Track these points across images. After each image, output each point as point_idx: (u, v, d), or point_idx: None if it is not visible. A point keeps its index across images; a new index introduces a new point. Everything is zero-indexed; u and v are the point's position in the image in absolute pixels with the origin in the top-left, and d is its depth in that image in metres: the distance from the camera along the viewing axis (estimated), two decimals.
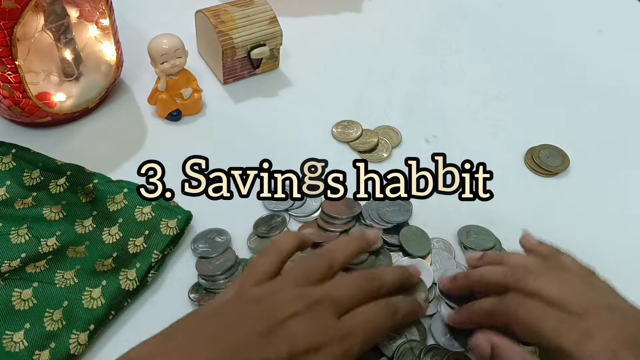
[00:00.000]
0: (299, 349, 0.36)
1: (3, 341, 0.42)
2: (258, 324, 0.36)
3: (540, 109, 0.66)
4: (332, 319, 0.38)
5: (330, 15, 0.78)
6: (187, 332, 0.37)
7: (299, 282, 0.40)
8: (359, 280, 0.42)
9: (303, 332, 0.37)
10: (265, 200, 0.54)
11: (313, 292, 0.39)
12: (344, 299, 0.40)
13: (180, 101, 0.60)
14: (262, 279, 0.41)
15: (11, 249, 0.47)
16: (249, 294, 0.39)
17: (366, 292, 0.41)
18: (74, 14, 0.59)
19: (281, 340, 0.36)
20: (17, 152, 0.54)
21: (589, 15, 0.81)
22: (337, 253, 0.43)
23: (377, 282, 0.42)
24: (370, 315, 0.40)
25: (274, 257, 0.42)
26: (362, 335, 0.39)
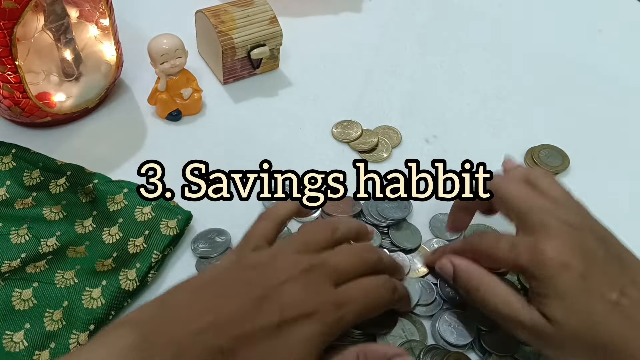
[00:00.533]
0: (291, 314, 0.36)
1: (3, 341, 0.42)
2: (253, 290, 0.37)
3: (540, 109, 0.66)
4: (327, 286, 0.38)
5: (330, 15, 0.78)
6: (185, 298, 0.37)
7: (298, 248, 0.40)
8: (358, 250, 0.42)
9: (296, 297, 0.37)
10: (265, 201, 0.54)
11: (310, 258, 0.39)
12: (342, 267, 0.40)
13: (180, 101, 0.61)
14: (261, 243, 0.41)
15: (11, 249, 0.47)
16: (247, 260, 0.39)
17: (365, 262, 0.41)
18: (74, 14, 0.59)
19: (274, 306, 0.36)
20: (17, 152, 0.54)
21: (589, 15, 0.81)
22: (339, 224, 0.43)
23: (376, 254, 0.43)
24: (370, 286, 0.40)
25: (272, 222, 0.43)
26: (358, 305, 0.39)
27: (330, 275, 0.39)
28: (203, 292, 0.37)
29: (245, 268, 0.39)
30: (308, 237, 0.42)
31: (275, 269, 0.38)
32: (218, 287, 0.38)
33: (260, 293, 0.37)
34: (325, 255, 0.40)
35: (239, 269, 0.39)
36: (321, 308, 0.37)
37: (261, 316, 0.36)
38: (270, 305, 0.36)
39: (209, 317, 0.35)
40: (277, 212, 0.44)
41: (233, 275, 0.38)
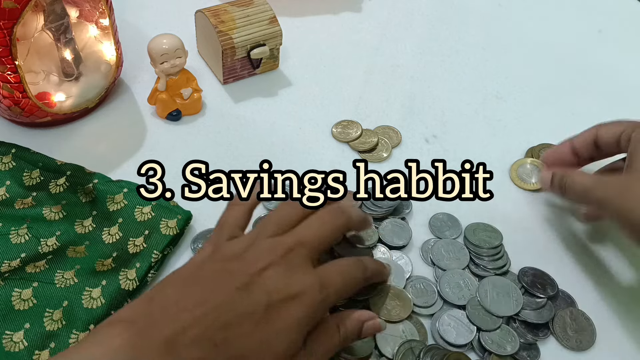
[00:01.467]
0: (277, 297, 0.37)
1: (3, 341, 0.42)
2: (236, 279, 0.38)
3: (540, 109, 0.66)
4: (307, 266, 0.40)
5: (330, 15, 0.78)
6: (172, 293, 0.37)
7: (273, 231, 0.41)
8: (327, 217, 0.43)
9: (279, 281, 0.38)
10: (265, 201, 0.54)
11: (286, 239, 0.40)
12: (317, 241, 0.41)
13: (180, 101, 0.60)
14: (235, 232, 0.42)
15: (11, 249, 0.47)
16: (225, 251, 0.40)
17: (337, 228, 0.43)
18: (74, 13, 0.59)
19: (259, 292, 0.37)
20: (17, 152, 0.54)
21: (589, 15, 0.81)
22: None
23: (345, 215, 0.43)
24: (343, 266, 0.41)
25: (242, 207, 0.44)
26: (338, 285, 0.40)
27: (308, 252, 0.40)
28: (189, 286, 0.38)
29: (224, 259, 0.39)
30: (280, 218, 0.42)
31: (255, 256, 0.39)
32: (202, 280, 0.38)
33: (244, 281, 0.37)
34: (298, 231, 0.41)
35: (219, 261, 0.39)
36: (306, 289, 0.38)
37: (248, 303, 0.36)
38: (256, 291, 0.37)
39: (198, 311, 0.36)
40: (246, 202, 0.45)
41: (215, 267, 0.39)
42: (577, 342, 0.46)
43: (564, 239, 0.54)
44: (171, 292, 0.38)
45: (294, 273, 0.39)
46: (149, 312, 0.36)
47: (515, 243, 0.52)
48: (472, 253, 0.51)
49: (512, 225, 0.53)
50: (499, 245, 0.51)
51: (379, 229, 0.52)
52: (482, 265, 0.50)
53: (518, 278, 0.49)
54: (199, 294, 0.37)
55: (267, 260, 0.39)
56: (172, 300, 0.37)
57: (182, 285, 0.38)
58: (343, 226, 0.43)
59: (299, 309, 0.37)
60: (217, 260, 0.40)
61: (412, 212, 0.54)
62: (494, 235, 0.52)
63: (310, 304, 0.38)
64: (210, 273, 0.39)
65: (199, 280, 0.38)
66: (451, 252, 0.51)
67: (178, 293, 0.37)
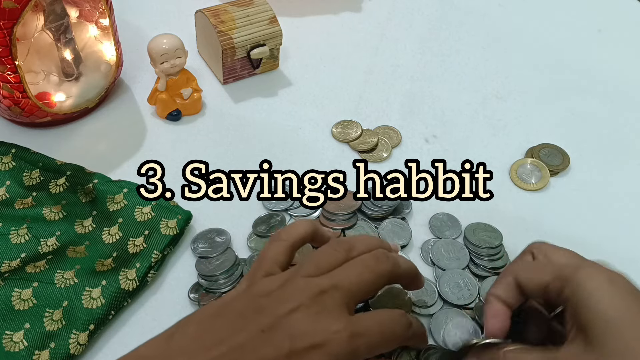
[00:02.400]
0: (301, 345, 0.34)
1: (3, 341, 0.42)
2: (262, 319, 0.35)
3: (540, 109, 0.66)
4: (340, 312, 0.36)
5: (330, 15, 0.77)
6: (192, 330, 0.36)
7: (310, 271, 0.38)
8: (371, 262, 0.39)
9: (306, 326, 0.35)
10: (265, 201, 0.54)
11: (321, 281, 0.37)
12: (355, 286, 0.37)
13: (180, 101, 0.60)
14: (273, 269, 0.39)
15: (11, 249, 0.47)
16: (257, 288, 0.37)
17: (380, 275, 0.38)
18: (74, 14, 0.59)
19: (282, 336, 0.34)
20: (17, 152, 0.54)
21: (589, 15, 0.81)
22: (357, 242, 0.40)
23: (390, 262, 0.39)
24: (384, 317, 0.38)
25: (283, 243, 0.40)
26: (373, 337, 0.36)
27: (343, 298, 0.36)
28: (211, 323, 0.36)
29: (254, 296, 0.37)
30: (320, 258, 0.39)
31: (285, 296, 0.36)
32: (226, 318, 0.36)
33: (269, 322, 0.35)
34: (336, 273, 0.38)
35: (248, 298, 0.37)
36: (333, 338, 0.35)
37: (269, 346, 0.34)
38: (279, 336, 0.34)
39: (217, 351, 0.34)
40: (290, 233, 0.41)
41: (242, 305, 0.37)
42: None
43: (564, 239, 0.54)
44: (191, 329, 0.36)
45: (323, 318, 0.35)
46: (166, 349, 0.35)
47: (515, 243, 0.52)
48: (472, 253, 0.51)
49: (512, 225, 0.53)
50: (499, 245, 0.51)
51: (379, 229, 0.52)
52: (482, 265, 0.50)
53: None
54: (220, 333, 0.35)
55: (297, 302, 0.36)
56: (191, 337, 0.35)
57: (204, 322, 0.36)
58: (387, 275, 0.39)
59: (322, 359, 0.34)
60: (247, 297, 0.37)
61: (412, 212, 0.54)
62: (493, 235, 0.52)
63: (335, 353, 0.34)
64: (235, 310, 0.36)
65: (224, 317, 0.36)
66: (451, 252, 0.51)
67: (198, 330, 0.36)
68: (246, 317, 0.36)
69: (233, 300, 0.37)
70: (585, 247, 0.54)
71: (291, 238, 0.41)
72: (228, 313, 0.36)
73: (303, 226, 0.42)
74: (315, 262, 0.39)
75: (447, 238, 0.52)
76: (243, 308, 0.36)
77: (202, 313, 0.37)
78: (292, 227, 0.42)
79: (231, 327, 0.35)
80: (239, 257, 0.49)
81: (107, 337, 0.45)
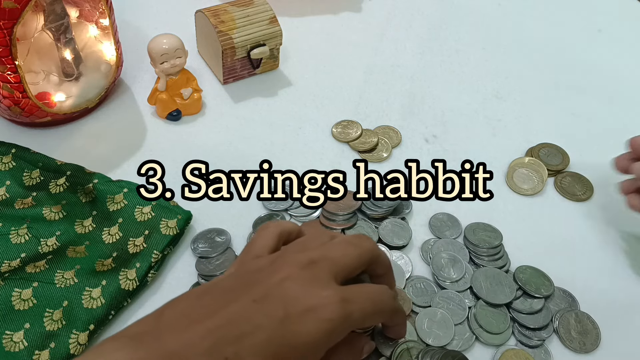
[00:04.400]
0: (294, 310, 0.34)
1: (3, 341, 0.42)
2: (254, 290, 0.35)
3: (540, 109, 0.66)
4: (330, 281, 0.36)
5: (330, 15, 0.77)
6: (182, 306, 0.36)
7: (298, 249, 0.39)
8: (355, 240, 0.40)
9: (298, 292, 0.35)
10: (265, 201, 0.54)
11: (310, 252, 0.38)
12: (341, 259, 0.38)
13: (180, 101, 0.60)
14: (262, 251, 0.40)
15: (11, 249, 0.47)
16: (248, 266, 0.38)
17: (365, 250, 0.39)
18: (74, 13, 0.59)
19: (276, 302, 0.34)
20: (17, 152, 0.54)
21: (589, 15, 0.81)
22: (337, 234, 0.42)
23: (371, 242, 0.41)
24: (373, 289, 0.39)
25: (272, 230, 0.41)
26: (365, 304, 0.37)
27: (331, 268, 0.37)
28: (200, 299, 0.36)
29: (245, 273, 0.38)
30: (307, 240, 0.41)
31: (275, 268, 0.37)
32: (216, 293, 0.36)
33: (261, 292, 0.35)
34: (323, 247, 0.39)
35: (238, 275, 0.38)
36: (326, 303, 0.35)
37: (263, 314, 0.34)
38: (272, 303, 0.35)
39: (209, 323, 0.34)
40: (279, 224, 0.43)
41: (232, 281, 0.37)
42: (581, 344, 0.46)
43: (564, 238, 0.54)
44: (183, 306, 0.36)
45: (315, 285, 0.36)
46: (156, 326, 0.34)
47: (515, 243, 0.52)
48: (472, 253, 0.51)
49: (511, 225, 0.54)
50: (499, 245, 0.51)
51: (379, 229, 0.52)
52: (481, 265, 0.50)
53: (514, 276, 0.49)
54: (212, 306, 0.35)
55: (287, 271, 0.36)
56: (181, 314, 0.35)
57: (194, 299, 0.36)
58: (370, 251, 0.40)
59: (317, 324, 0.34)
60: (236, 275, 0.38)
61: (412, 212, 0.54)
62: (493, 235, 0.52)
63: (329, 318, 0.34)
64: (227, 286, 0.37)
65: (214, 293, 0.36)
66: (451, 252, 0.51)
67: (188, 306, 0.35)
68: (237, 291, 0.36)
69: (222, 279, 0.38)
70: (585, 245, 0.54)
71: (280, 227, 0.42)
72: (218, 289, 0.36)
73: (292, 223, 0.44)
74: (302, 243, 0.40)
75: (447, 238, 0.52)
76: (233, 284, 0.37)
77: (191, 292, 0.37)
78: (281, 221, 0.45)
79: (222, 300, 0.35)
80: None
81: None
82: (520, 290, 0.48)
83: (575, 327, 0.46)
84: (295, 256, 0.38)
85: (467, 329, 0.46)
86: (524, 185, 0.57)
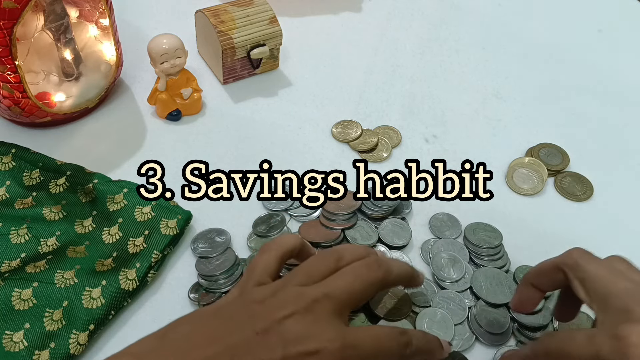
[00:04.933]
0: (294, 350, 0.34)
1: (3, 341, 0.42)
2: (256, 323, 0.35)
3: (540, 109, 0.66)
4: (333, 321, 0.36)
5: (330, 15, 0.77)
6: (186, 330, 0.36)
7: (302, 280, 0.38)
8: (363, 270, 0.39)
9: (299, 333, 0.35)
10: (265, 201, 0.54)
11: (312, 290, 0.37)
12: (346, 295, 0.37)
13: (180, 101, 0.60)
14: (263, 279, 0.39)
15: (11, 249, 0.47)
16: (251, 295, 0.38)
17: (371, 284, 0.39)
18: (74, 14, 0.59)
19: (276, 340, 0.34)
20: (17, 152, 0.54)
21: (589, 15, 0.81)
22: (345, 252, 0.41)
23: (382, 269, 0.39)
24: (380, 334, 0.37)
25: (273, 253, 0.41)
26: (366, 351, 0.36)
27: (336, 306, 0.37)
28: (204, 324, 0.36)
29: (248, 303, 0.37)
30: (310, 267, 0.39)
31: (278, 303, 0.36)
32: (220, 319, 0.36)
33: (263, 326, 0.35)
34: (327, 282, 0.38)
35: (241, 303, 0.37)
36: (326, 346, 0.35)
37: (263, 350, 0.34)
38: (273, 340, 0.34)
39: (210, 350, 0.34)
40: (280, 244, 0.42)
41: (236, 309, 0.37)
42: None
43: (564, 238, 0.54)
44: (185, 329, 0.36)
45: (317, 326, 0.35)
46: (158, 347, 0.35)
47: (515, 243, 0.52)
48: (472, 253, 0.51)
49: (512, 225, 0.53)
50: (499, 245, 0.51)
51: (379, 229, 0.52)
52: (481, 265, 0.50)
53: (514, 276, 0.49)
54: (214, 332, 0.35)
55: (290, 309, 0.36)
56: (185, 337, 0.35)
57: (197, 322, 0.36)
58: (379, 282, 0.39)
59: None
60: (240, 302, 0.38)
61: (412, 212, 0.54)
62: (493, 235, 0.52)
63: None
64: (229, 313, 0.37)
65: (217, 319, 0.36)
66: (451, 251, 0.51)
67: (192, 329, 0.35)
68: (240, 320, 0.36)
69: (226, 304, 0.38)
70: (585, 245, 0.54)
71: (281, 249, 0.41)
72: (222, 315, 0.37)
73: (292, 239, 0.43)
74: (306, 271, 0.39)
75: (447, 238, 0.52)
76: (237, 312, 0.37)
77: (195, 314, 0.37)
78: (281, 239, 0.42)
79: (225, 327, 0.35)
80: (239, 257, 0.49)
81: (107, 337, 0.45)
82: None
83: (575, 326, 0.46)
84: (298, 292, 0.37)
85: (467, 329, 0.46)
86: (524, 185, 0.57)
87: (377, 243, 0.51)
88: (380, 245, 0.51)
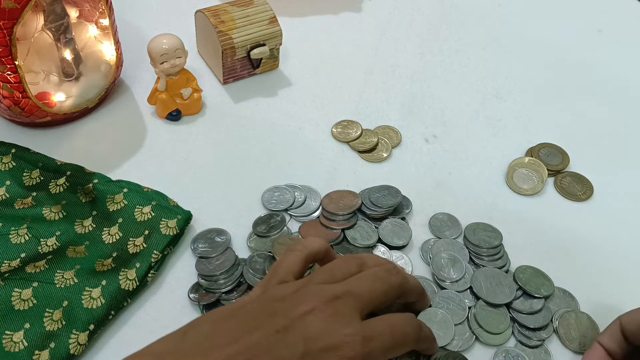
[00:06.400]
0: (315, 346, 0.34)
1: (3, 341, 0.42)
2: (276, 321, 0.35)
3: (540, 109, 0.66)
4: (353, 317, 0.37)
5: (330, 15, 0.78)
6: (206, 329, 0.36)
7: (325, 278, 0.39)
8: (383, 274, 0.40)
9: (320, 329, 0.35)
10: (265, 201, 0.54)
11: (335, 287, 0.38)
12: (367, 294, 0.38)
13: (180, 101, 0.60)
14: (287, 276, 0.40)
15: (11, 249, 0.47)
16: (273, 293, 0.38)
17: (391, 286, 0.40)
18: (74, 13, 0.59)
19: (297, 337, 0.35)
20: (17, 152, 0.54)
21: (589, 15, 0.81)
22: (367, 258, 0.42)
23: (400, 275, 0.41)
24: (395, 320, 0.38)
25: (298, 254, 0.41)
26: (385, 339, 0.37)
27: (356, 304, 0.37)
28: (225, 323, 0.36)
29: (269, 300, 0.37)
30: (333, 268, 0.40)
31: (299, 299, 0.37)
32: (241, 318, 0.36)
33: (283, 324, 0.35)
34: (349, 282, 0.39)
35: (262, 301, 0.38)
36: (348, 341, 0.35)
37: (284, 348, 0.34)
38: (294, 337, 0.35)
39: (231, 349, 0.34)
40: (306, 245, 0.42)
41: (256, 307, 0.37)
42: (581, 344, 0.46)
43: (564, 238, 0.54)
44: (206, 328, 0.36)
45: (337, 322, 0.36)
46: (179, 347, 0.35)
47: (515, 243, 0.52)
48: (472, 253, 0.51)
49: (512, 225, 0.54)
50: (499, 245, 0.51)
51: (379, 229, 0.52)
52: (481, 265, 0.50)
53: (514, 276, 0.49)
54: (234, 331, 0.35)
55: (311, 305, 0.36)
56: (205, 336, 0.35)
57: (218, 322, 0.36)
58: (397, 287, 0.40)
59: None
60: (261, 300, 0.38)
61: (412, 212, 0.54)
62: (493, 235, 0.52)
63: (349, 357, 0.35)
64: (250, 312, 0.37)
65: (238, 318, 0.36)
66: (451, 251, 0.51)
67: (213, 329, 0.36)
68: (260, 319, 0.36)
69: (247, 303, 0.38)
70: (585, 245, 0.54)
71: (306, 250, 0.42)
72: (242, 314, 0.37)
73: (318, 242, 0.43)
74: (329, 271, 0.40)
75: (447, 238, 0.52)
76: (257, 310, 0.37)
77: (216, 313, 0.37)
78: (308, 241, 0.43)
79: (245, 327, 0.35)
80: (239, 257, 0.49)
81: (107, 337, 0.45)
82: (520, 290, 0.48)
83: (575, 327, 0.46)
84: (319, 288, 0.38)
85: (467, 329, 0.46)
86: (524, 185, 0.57)
87: (377, 243, 0.51)
88: (380, 245, 0.51)
